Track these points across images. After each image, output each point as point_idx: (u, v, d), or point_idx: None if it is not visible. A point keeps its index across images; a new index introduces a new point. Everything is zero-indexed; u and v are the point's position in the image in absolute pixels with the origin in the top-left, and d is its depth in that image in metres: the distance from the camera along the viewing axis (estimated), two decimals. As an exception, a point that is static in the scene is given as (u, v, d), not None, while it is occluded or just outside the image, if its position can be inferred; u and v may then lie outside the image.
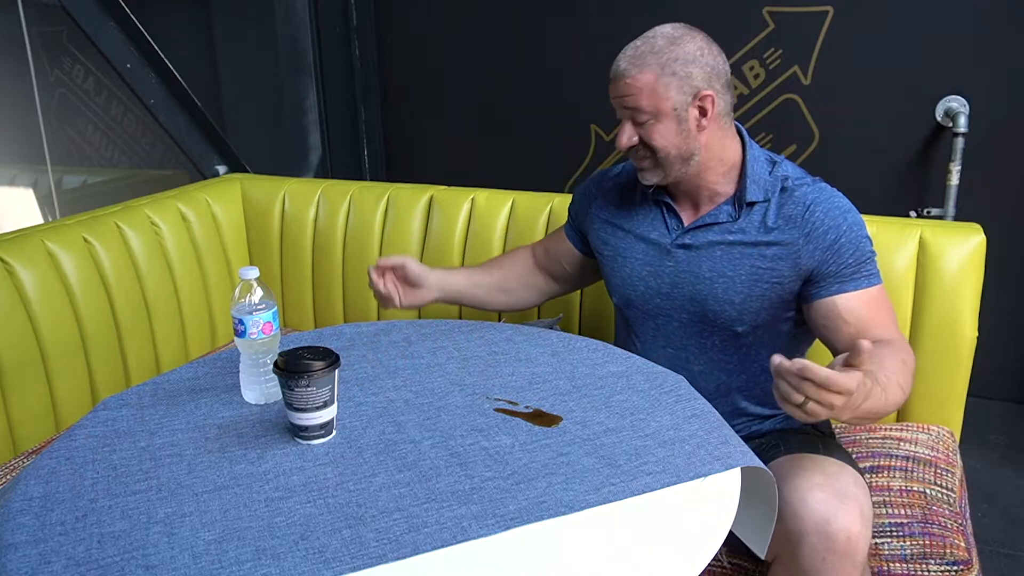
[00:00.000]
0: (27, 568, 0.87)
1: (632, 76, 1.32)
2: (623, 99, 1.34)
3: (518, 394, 1.22)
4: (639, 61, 1.32)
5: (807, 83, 2.73)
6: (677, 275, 1.40)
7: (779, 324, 1.39)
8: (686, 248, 1.39)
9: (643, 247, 1.44)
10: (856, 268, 1.30)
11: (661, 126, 1.32)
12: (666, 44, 1.32)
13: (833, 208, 1.32)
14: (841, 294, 1.30)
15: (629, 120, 1.35)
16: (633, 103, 1.32)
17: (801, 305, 1.36)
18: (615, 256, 1.48)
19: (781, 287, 1.34)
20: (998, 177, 2.60)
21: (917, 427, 1.63)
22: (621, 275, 1.47)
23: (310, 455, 1.07)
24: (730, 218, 1.37)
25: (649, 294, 1.44)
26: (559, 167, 3.13)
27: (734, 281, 1.35)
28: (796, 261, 1.32)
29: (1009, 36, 2.48)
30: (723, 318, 1.37)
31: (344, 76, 3.26)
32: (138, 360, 1.91)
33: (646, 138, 1.33)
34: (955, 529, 1.33)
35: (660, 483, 0.99)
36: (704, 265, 1.38)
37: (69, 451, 1.10)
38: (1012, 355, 2.71)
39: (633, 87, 1.31)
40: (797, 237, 1.31)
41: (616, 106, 1.37)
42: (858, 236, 1.31)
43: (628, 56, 1.34)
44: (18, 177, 3.22)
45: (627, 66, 1.33)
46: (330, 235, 2.11)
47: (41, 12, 3.00)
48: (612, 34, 2.93)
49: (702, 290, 1.38)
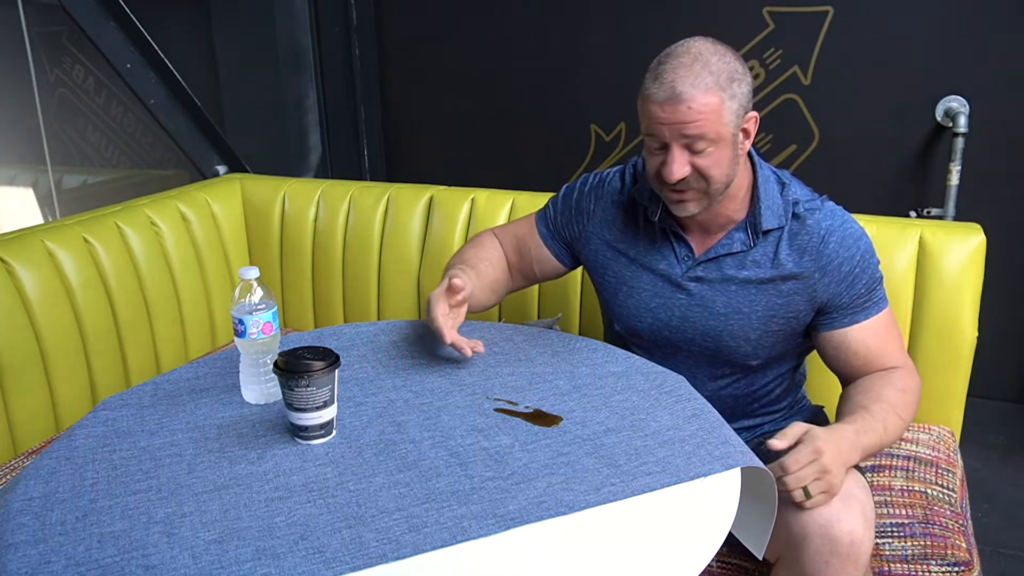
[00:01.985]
0: (27, 568, 0.87)
1: (694, 99, 1.14)
2: (683, 126, 1.16)
3: (518, 394, 1.22)
4: (699, 81, 1.15)
5: (807, 83, 2.73)
6: (689, 309, 1.33)
7: (790, 351, 1.38)
8: (699, 281, 1.33)
9: (650, 278, 1.36)
10: (868, 296, 1.29)
11: (719, 154, 1.19)
12: (718, 61, 1.16)
13: (847, 236, 1.28)
14: (853, 325, 1.29)
15: (683, 148, 1.18)
16: (697, 130, 1.16)
17: (810, 332, 1.35)
18: (619, 285, 1.39)
19: (796, 320, 1.32)
20: (998, 177, 2.60)
21: (917, 427, 1.63)
22: (626, 306, 1.38)
23: (310, 455, 1.07)
24: (744, 247, 1.30)
25: (658, 326, 1.36)
26: (559, 167, 3.13)
27: (750, 318, 1.31)
28: (812, 294, 1.29)
29: (1009, 36, 2.48)
30: (737, 353, 1.34)
31: (344, 76, 3.26)
32: (138, 360, 1.91)
33: (703, 168, 1.19)
34: (956, 529, 1.33)
35: (660, 483, 0.99)
36: (719, 300, 1.32)
37: (69, 451, 1.10)
38: (1012, 355, 2.71)
39: (697, 112, 1.15)
40: (813, 271, 1.28)
41: (660, 133, 1.18)
42: (871, 264, 1.29)
43: (682, 75, 1.15)
44: (18, 177, 3.22)
45: (687, 88, 1.14)
46: (330, 235, 2.11)
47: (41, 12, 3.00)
48: (612, 34, 2.95)
49: (716, 326, 1.32)
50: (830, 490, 1.10)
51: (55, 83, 3.19)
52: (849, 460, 1.13)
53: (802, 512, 1.11)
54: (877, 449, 1.19)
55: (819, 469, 1.09)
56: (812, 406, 1.52)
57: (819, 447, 1.09)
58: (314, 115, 3.27)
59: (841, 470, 1.11)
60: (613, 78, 2.95)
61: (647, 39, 2.87)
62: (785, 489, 1.09)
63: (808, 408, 1.51)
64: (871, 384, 1.26)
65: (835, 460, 1.10)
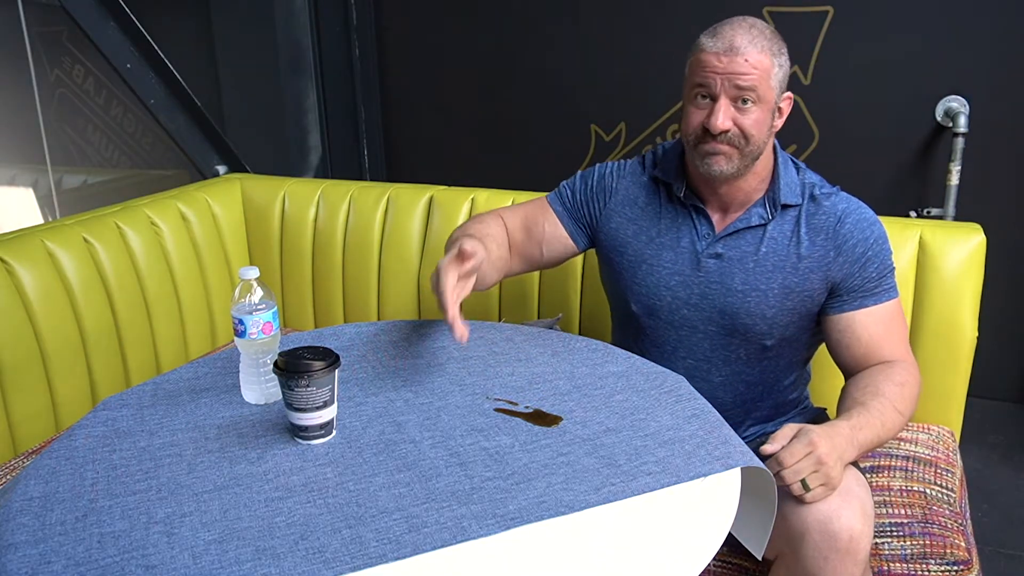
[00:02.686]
0: (27, 568, 0.87)
1: (750, 54, 1.22)
2: (737, 76, 1.22)
3: (518, 394, 1.22)
4: (755, 41, 1.23)
5: (807, 83, 2.73)
6: (708, 285, 1.36)
7: (802, 335, 1.39)
8: (718, 258, 1.35)
9: (671, 255, 1.38)
10: (878, 282, 1.30)
11: (761, 114, 1.25)
12: (771, 33, 1.26)
13: (862, 220, 1.31)
14: (861, 309, 1.31)
15: (730, 100, 1.24)
16: (749, 83, 1.22)
17: (820, 318, 1.36)
18: (638, 263, 1.41)
19: (811, 300, 1.33)
20: (998, 177, 2.60)
21: (917, 427, 1.63)
22: (646, 283, 1.40)
23: (310, 455, 1.07)
24: (762, 220, 1.33)
25: (676, 304, 1.38)
26: (559, 167, 3.12)
27: (767, 295, 1.33)
28: (826, 273, 1.31)
29: (1009, 36, 2.48)
30: (753, 331, 1.35)
31: (344, 76, 3.26)
32: (138, 360, 1.91)
33: (745, 124, 1.25)
34: (955, 529, 1.33)
35: (660, 483, 0.99)
36: (737, 277, 1.34)
37: (69, 451, 1.10)
38: (1012, 355, 2.71)
39: (752, 66, 1.22)
40: (828, 250, 1.31)
41: (713, 83, 1.24)
42: (884, 250, 1.31)
43: (740, 33, 1.23)
44: (18, 177, 3.23)
45: (745, 43, 1.22)
46: (330, 235, 2.11)
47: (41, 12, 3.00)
48: (612, 34, 2.95)
49: (733, 302, 1.34)
50: (828, 483, 1.10)
51: (55, 83, 3.20)
52: (845, 454, 1.13)
53: (801, 508, 1.11)
54: (875, 444, 1.19)
55: (815, 461, 1.09)
56: (815, 408, 1.52)
57: (813, 440, 1.10)
58: (314, 115, 3.27)
59: (838, 463, 1.11)
60: (613, 78, 2.96)
61: (647, 39, 2.87)
62: (783, 484, 1.09)
63: (811, 410, 1.51)
64: (870, 379, 1.26)
65: (830, 453, 1.10)
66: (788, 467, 1.09)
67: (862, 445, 1.16)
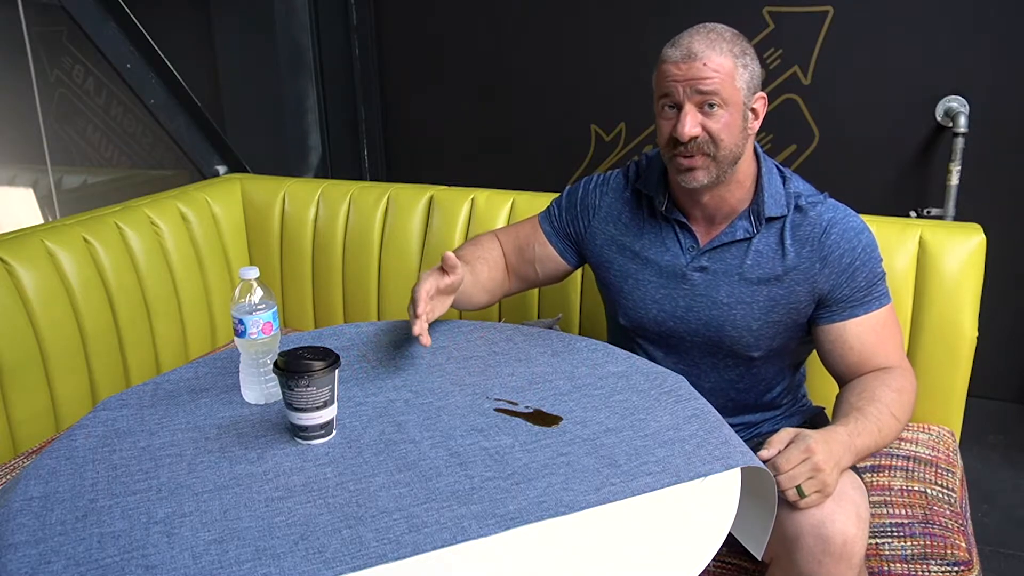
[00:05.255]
0: (27, 568, 0.87)
1: (709, 58, 1.21)
2: (698, 82, 1.21)
3: (518, 394, 1.22)
4: (714, 45, 1.22)
5: (807, 83, 2.73)
6: (693, 299, 1.35)
7: (790, 344, 1.38)
8: (703, 271, 1.35)
9: (656, 270, 1.38)
10: (868, 291, 1.29)
11: (730, 118, 1.23)
12: (732, 36, 1.25)
13: (848, 229, 1.29)
14: (851, 319, 1.30)
15: (695, 106, 1.23)
16: (711, 87, 1.21)
17: (810, 328, 1.36)
18: (624, 278, 1.41)
19: (797, 312, 1.33)
20: (998, 177, 2.60)
21: (917, 427, 1.63)
22: (632, 299, 1.40)
23: (310, 455, 1.07)
24: (747, 234, 1.32)
25: (662, 317, 1.38)
26: (559, 167, 3.13)
27: (752, 308, 1.32)
28: (812, 285, 1.30)
29: (1009, 36, 2.48)
30: (740, 344, 1.35)
31: (344, 76, 3.26)
32: (138, 360, 1.91)
33: (713, 129, 1.23)
34: (956, 529, 1.33)
35: (660, 483, 0.99)
36: (722, 291, 1.33)
37: (69, 451, 1.10)
38: (1012, 355, 2.71)
39: (711, 70, 1.21)
40: (814, 261, 1.29)
41: (675, 91, 1.24)
42: (872, 258, 1.30)
43: (698, 40, 1.23)
44: (18, 177, 3.22)
45: (703, 48, 1.22)
46: (330, 235, 2.11)
47: (41, 12, 3.00)
48: (612, 34, 2.95)
49: (718, 316, 1.34)
50: (824, 489, 1.10)
51: (55, 83, 3.19)
52: (842, 460, 1.13)
53: (795, 512, 1.11)
54: (872, 450, 1.19)
55: (811, 467, 1.09)
56: (813, 407, 1.52)
57: (810, 446, 1.10)
58: (314, 115, 3.27)
59: (834, 469, 1.11)
60: (613, 78, 2.96)
61: (647, 39, 2.87)
62: (779, 489, 1.09)
63: (809, 408, 1.51)
64: (866, 385, 1.26)
65: (827, 459, 1.10)
66: (784, 473, 1.09)
67: (859, 451, 1.16)
